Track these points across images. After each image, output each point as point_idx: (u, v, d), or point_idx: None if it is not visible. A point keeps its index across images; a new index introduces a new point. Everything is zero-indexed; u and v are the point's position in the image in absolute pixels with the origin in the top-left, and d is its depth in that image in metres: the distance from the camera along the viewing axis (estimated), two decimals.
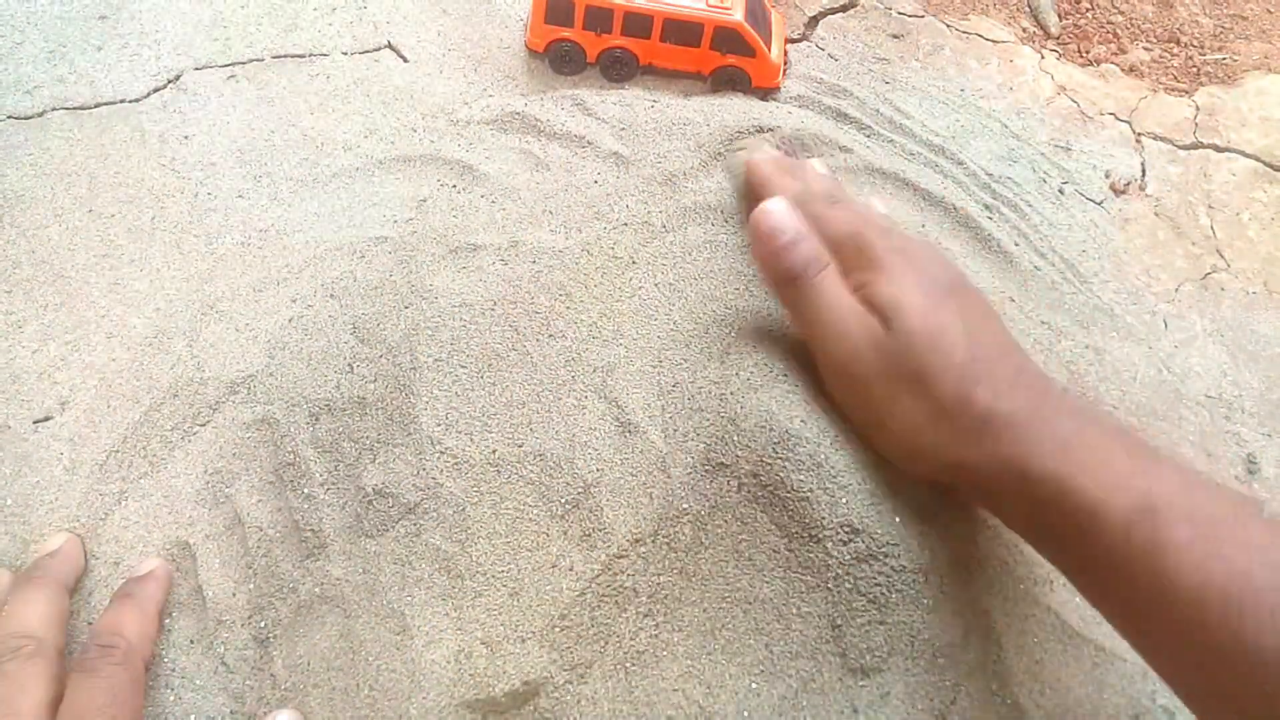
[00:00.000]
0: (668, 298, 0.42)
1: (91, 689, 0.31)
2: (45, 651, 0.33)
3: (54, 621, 0.34)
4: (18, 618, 0.34)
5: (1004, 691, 0.37)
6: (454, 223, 0.47)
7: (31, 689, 0.31)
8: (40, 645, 0.33)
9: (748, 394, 0.39)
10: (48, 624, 0.34)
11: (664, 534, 0.37)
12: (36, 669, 0.32)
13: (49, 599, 0.35)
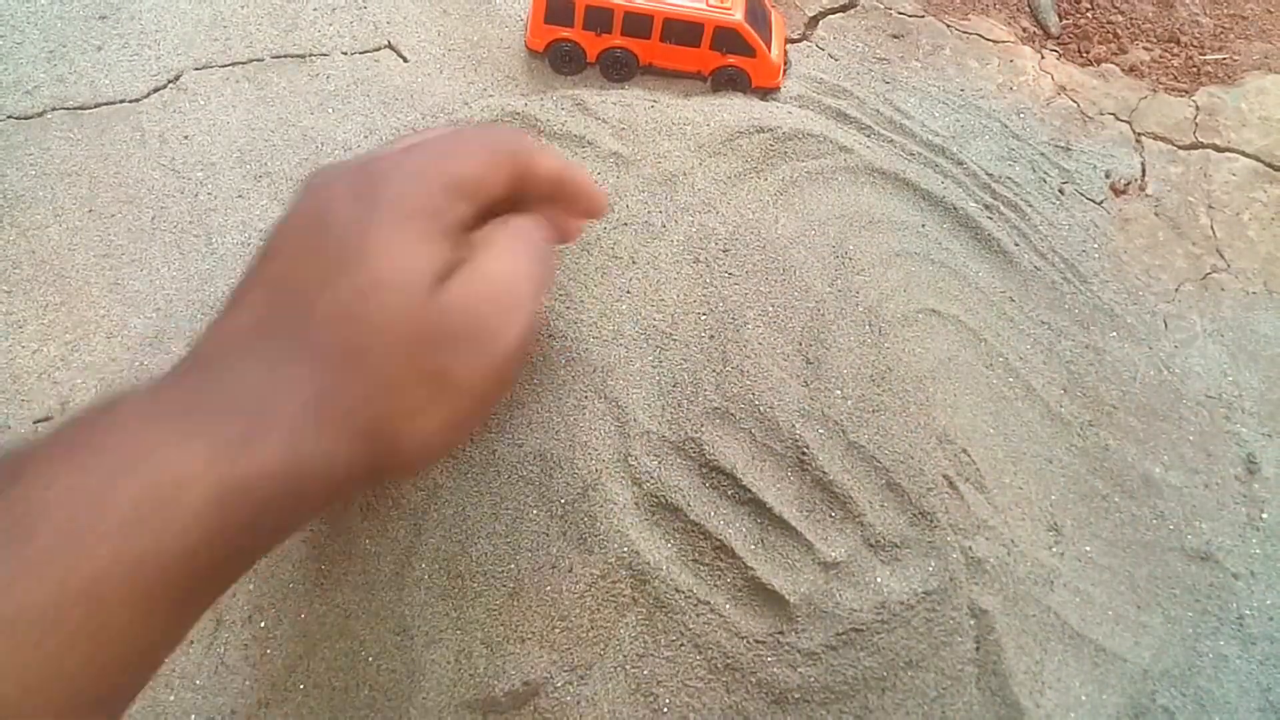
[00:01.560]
0: (668, 298, 0.42)
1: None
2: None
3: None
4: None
5: (1004, 691, 0.37)
6: None
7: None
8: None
9: (747, 395, 0.39)
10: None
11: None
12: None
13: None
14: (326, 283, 0.25)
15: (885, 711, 0.36)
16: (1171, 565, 0.43)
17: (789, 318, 0.42)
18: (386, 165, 0.28)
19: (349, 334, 0.25)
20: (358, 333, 0.25)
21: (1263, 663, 0.41)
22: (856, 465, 0.38)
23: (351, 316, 0.25)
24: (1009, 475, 0.43)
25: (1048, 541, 0.42)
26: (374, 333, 0.25)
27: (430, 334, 0.26)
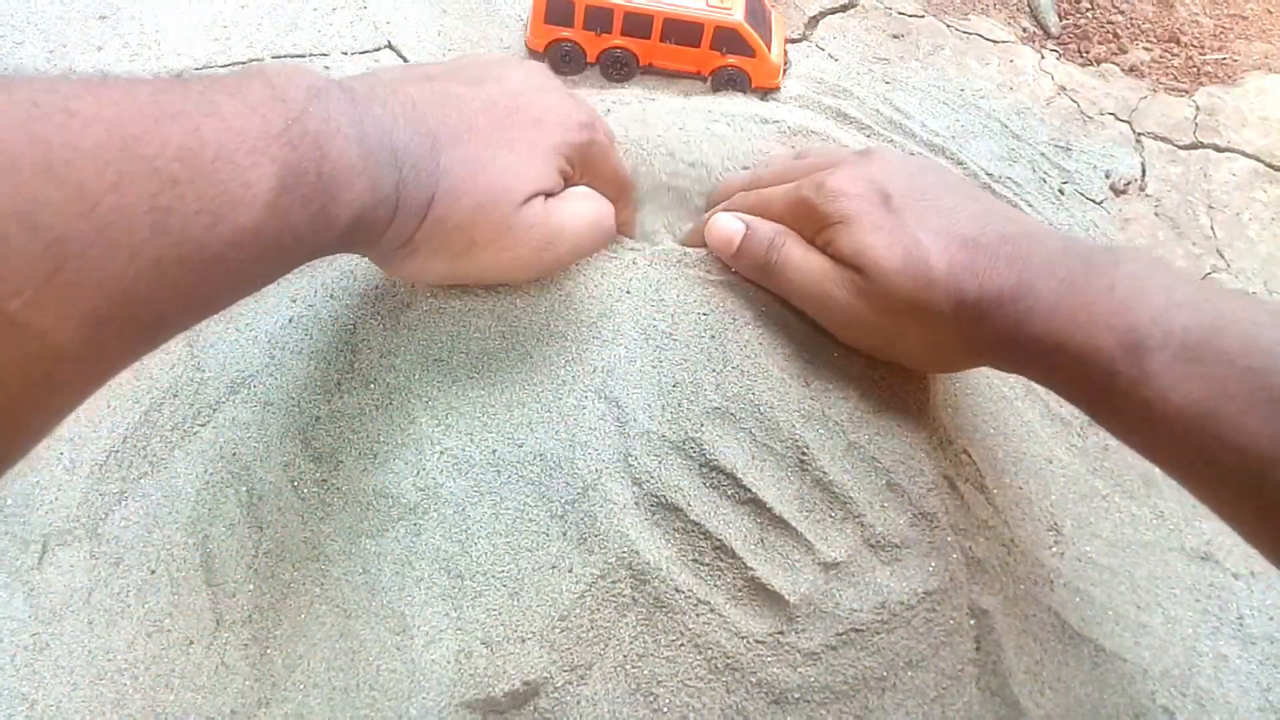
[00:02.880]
0: (668, 298, 0.42)
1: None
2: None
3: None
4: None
5: (1004, 691, 0.37)
6: None
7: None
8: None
9: (747, 395, 0.39)
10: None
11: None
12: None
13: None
14: (486, 135, 0.35)
15: (885, 711, 0.36)
16: (1171, 565, 0.43)
17: (789, 318, 0.42)
18: (577, 102, 0.40)
19: (463, 183, 0.34)
20: (466, 189, 0.34)
21: (1263, 663, 0.41)
22: (856, 465, 0.38)
23: (475, 174, 0.34)
24: (1009, 475, 0.43)
25: (1048, 541, 0.42)
26: (472, 194, 0.34)
27: (493, 224, 0.35)
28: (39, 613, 0.38)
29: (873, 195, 0.37)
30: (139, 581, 0.38)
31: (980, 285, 0.34)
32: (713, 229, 0.42)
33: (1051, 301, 0.33)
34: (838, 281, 0.37)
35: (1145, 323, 0.30)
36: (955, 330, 0.35)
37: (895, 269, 0.35)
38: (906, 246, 0.36)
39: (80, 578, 0.38)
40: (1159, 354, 0.30)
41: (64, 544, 0.39)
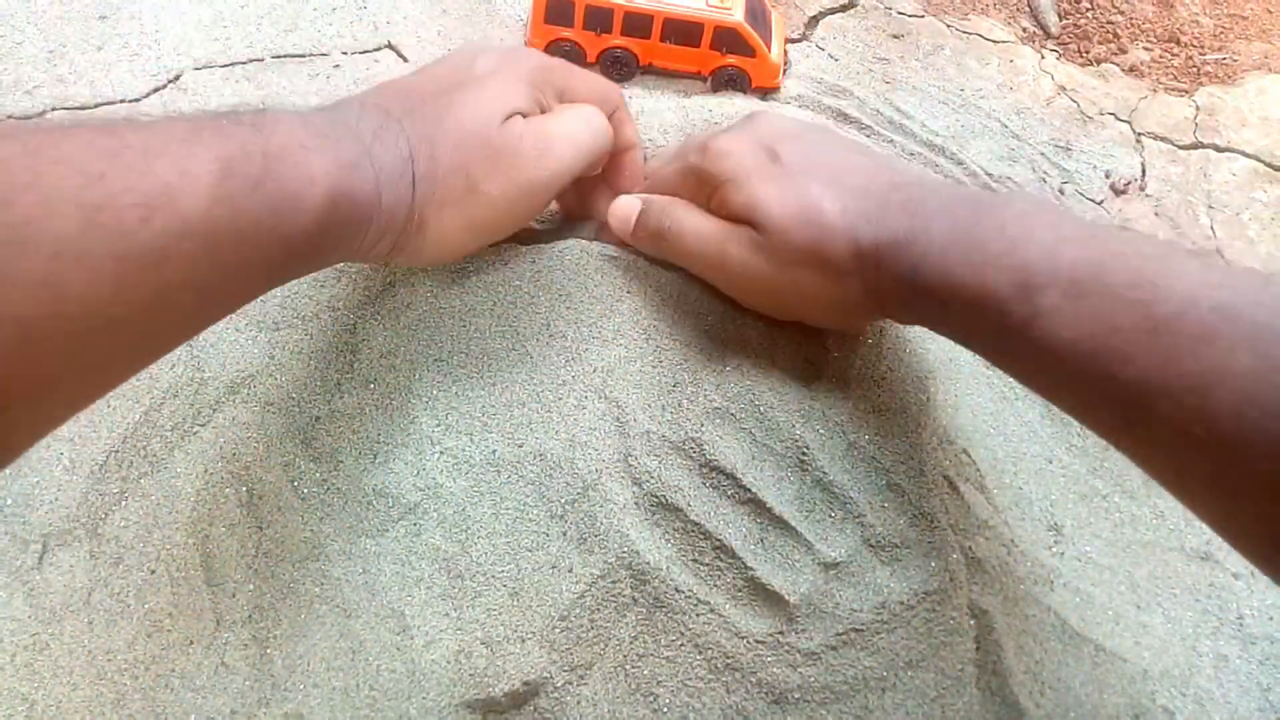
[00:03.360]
0: (668, 298, 0.42)
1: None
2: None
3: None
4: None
5: (1004, 691, 0.37)
6: None
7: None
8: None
9: (747, 395, 0.39)
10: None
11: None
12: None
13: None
14: (440, 94, 0.35)
15: (885, 711, 0.36)
16: (1171, 565, 0.43)
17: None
18: (525, 50, 0.40)
19: (437, 128, 0.34)
20: (442, 131, 0.34)
21: (1263, 663, 0.41)
22: (856, 465, 0.38)
23: (443, 118, 0.34)
24: (1009, 475, 0.43)
25: (1048, 541, 0.42)
26: (450, 134, 0.34)
27: (481, 148, 0.35)
28: (39, 613, 0.38)
29: (759, 151, 0.37)
30: (139, 581, 0.38)
31: (875, 232, 0.34)
32: (613, 212, 0.41)
33: (944, 244, 0.32)
34: (732, 239, 0.37)
35: (1034, 260, 0.30)
36: (853, 279, 0.35)
37: (790, 217, 0.35)
38: (800, 195, 0.35)
39: (80, 578, 0.38)
40: (1048, 291, 0.29)
41: (64, 544, 0.39)
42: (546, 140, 0.36)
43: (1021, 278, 0.30)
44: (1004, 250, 0.31)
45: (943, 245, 0.32)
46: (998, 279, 0.30)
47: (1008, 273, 0.30)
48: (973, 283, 0.31)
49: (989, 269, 0.31)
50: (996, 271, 0.30)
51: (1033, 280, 0.30)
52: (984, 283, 0.31)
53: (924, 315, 0.35)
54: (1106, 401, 0.29)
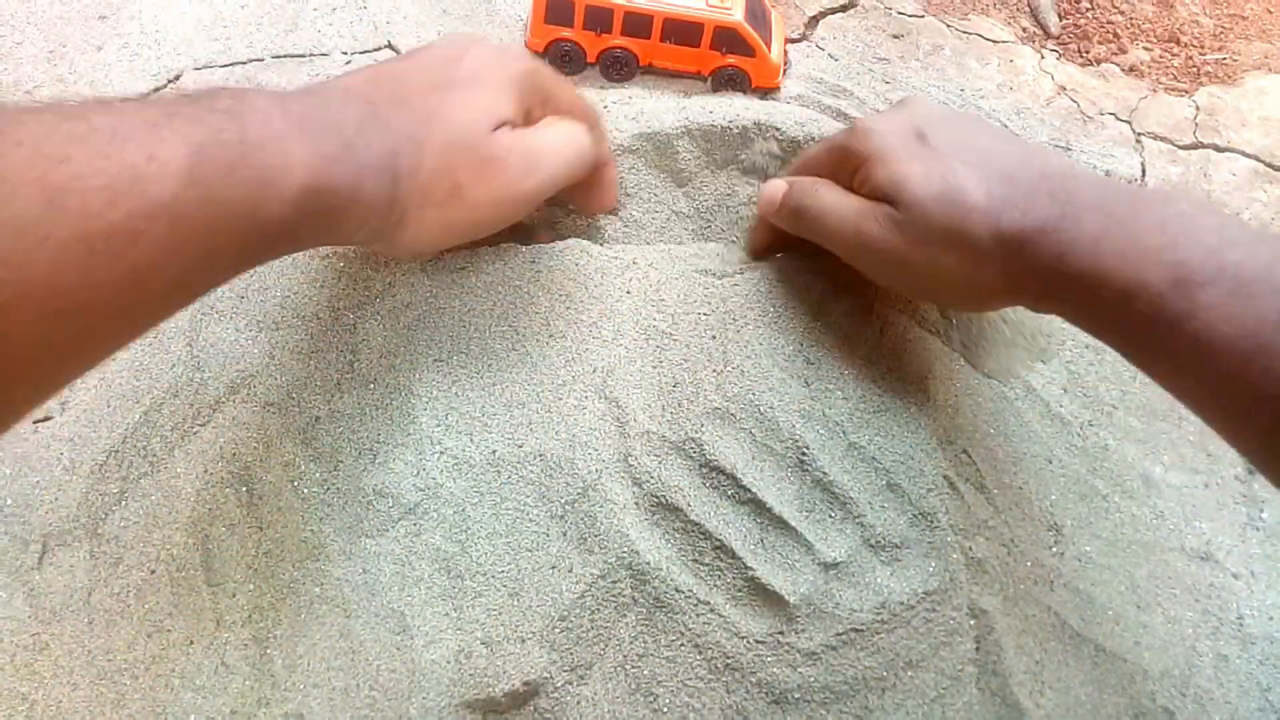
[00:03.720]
0: (668, 298, 0.42)
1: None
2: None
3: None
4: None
5: (1004, 691, 0.37)
6: None
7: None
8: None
9: (747, 395, 0.39)
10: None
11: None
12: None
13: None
14: (429, 91, 0.35)
15: (885, 711, 0.36)
16: (1171, 565, 0.43)
17: (789, 318, 0.42)
18: (514, 49, 0.41)
19: (423, 129, 0.34)
20: (428, 131, 0.34)
21: (1263, 663, 0.41)
22: (856, 465, 0.38)
23: (431, 119, 0.34)
24: (1009, 475, 0.43)
25: (1048, 541, 0.42)
26: (436, 136, 0.34)
27: (468, 156, 0.35)
28: (39, 613, 0.38)
29: (907, 132, 0.37)
30: (139, 581, 0.38)
31: (1021, 217, 0.34)
32: (762, 194, 0.43)
33: (1096, 234, 0.32)
34: (871, 216, 0.37)
35: (1197, 258, 0.30)
36: (993, 263, 0.35)
37: (931, 197, 0.35)
38: (944, 175, 0.35)
39: (80, 578, 0.38)
40: (1210, 288, 0.29)
41: (64, 544, 0.39)
42: (533, 155, 0.36)
43: (1182, 273, 0.30)
44: (1164, 246, 0.31)
45: (1095, 235, 0.32)
46: (1155, 273, 0.30)
47: (1167, 268, 0.30)
48: (1127, 275, 0.31)
49: (1146, 263, 0.31)
50: (1154, 266, 0.30)
51: (1193, 276, 0.30)
52: (1140, 275, 0.31)
53: (1064, 304, 0.34)
54: (1259, 402, 0.29)
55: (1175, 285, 0.30)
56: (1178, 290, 0.30)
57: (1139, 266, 0.31)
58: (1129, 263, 0.31)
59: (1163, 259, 0.30)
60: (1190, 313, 0.29)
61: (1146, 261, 0.31)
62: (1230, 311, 0.29)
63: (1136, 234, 0.31)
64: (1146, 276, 0.31)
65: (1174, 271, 0.30)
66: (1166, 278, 0.30)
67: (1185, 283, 0.30)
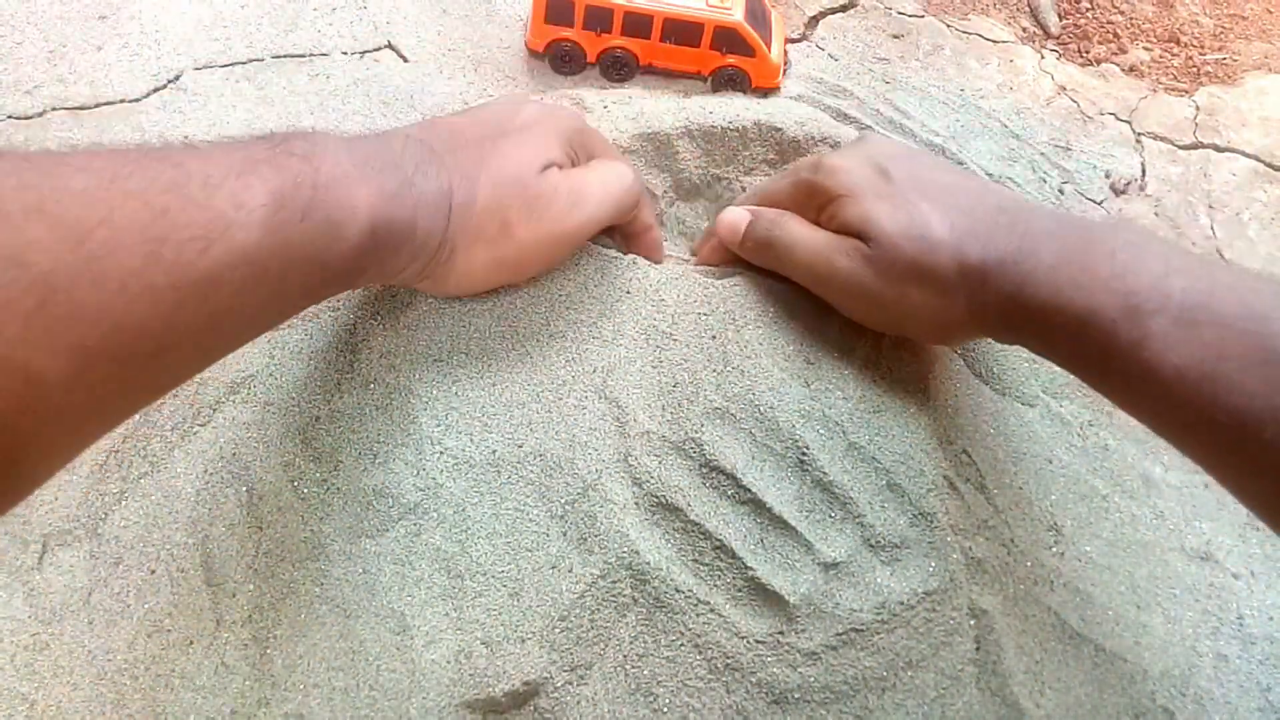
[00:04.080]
0: (668, 298, 0.42)
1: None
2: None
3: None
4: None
5: (1004, 691, 0.37)
6: None
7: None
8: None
9: (747, 395, 0.39)
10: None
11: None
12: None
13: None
14: (483, 139, 0.37)
15: (885, 711, 0.36)
16: (1171, 565, 0.43)
17: (789, 318, 0.42)
18: (565, 109, 0.44)
19: (477, 168, 0.36)
20: (482, 170, 0.36)
21: (1263, 663, 0.41)
22: (856, 465, 0.38)
23: (485, 160, 0.36)
24: (1009, 475, 0.43)
25: (1048, 541, 0.42)
26: (489, 175, 0.36)
27: (518, 193, 0.36)
28: (39, 613, 0.38)
29: (871, 170, 0.38)
30: (139, 581, 0.38)
31: (983, 249, 0.35)
32: (721, 222, 0.43)
33: (1052, 264, 0.33)
34: (841, 251, 0.38)
35: (1145, 287, 0.31)
36: (958, 295, 0.36)
37: (899, 232, 0.36)
38: (910, 213, 0.36)
39: (80, 578, 0.38)
40: (1158, 317, 0.30)
41: (64, 544, 0.39)
42: (580, 192, 0.38)
43: (1132, 302, 0.31)
44: (1113, 274, 0.32)
45: (1051, 266, 0.33)
46: (1107, 301, 0.31)
47: (1117, 296, 0.31)
48: (1081, 304, 0.32)
49: (1098, 291, 0.32)
50: (1106, 294, 0.32)
51: (1143, 305, 0.31)
52: (1092, 305, 0.32)
53: (1026, 334, 0.36)
54: (1210, 427, 0.30)
55: (1126, 314, 0.31)
56: (1129, 319, 0.31)
57: (1091, 294, 0.32)
58: (1082, 291, 0.32)
59: (1113, 287, 0.32)
60: (1141, 341, 0.31)
61: (1098, 290, 0.32)
62: (1176, 339, 0.30)
63: (1089, 263, 0.32)
64: (1099, 305, 0.32)
65: (1125, 300, 0.31)
66: (1118, 306, 0.31)
67: (1136, 311, 0.31)
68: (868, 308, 0.39)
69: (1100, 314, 0.31)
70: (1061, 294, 0.33)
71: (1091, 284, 0.32)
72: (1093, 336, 0.32)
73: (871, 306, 0.39)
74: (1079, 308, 0.32)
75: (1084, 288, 0.32)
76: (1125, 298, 0.31)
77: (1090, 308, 0.32)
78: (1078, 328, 0.32)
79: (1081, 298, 0.32)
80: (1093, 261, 0.32)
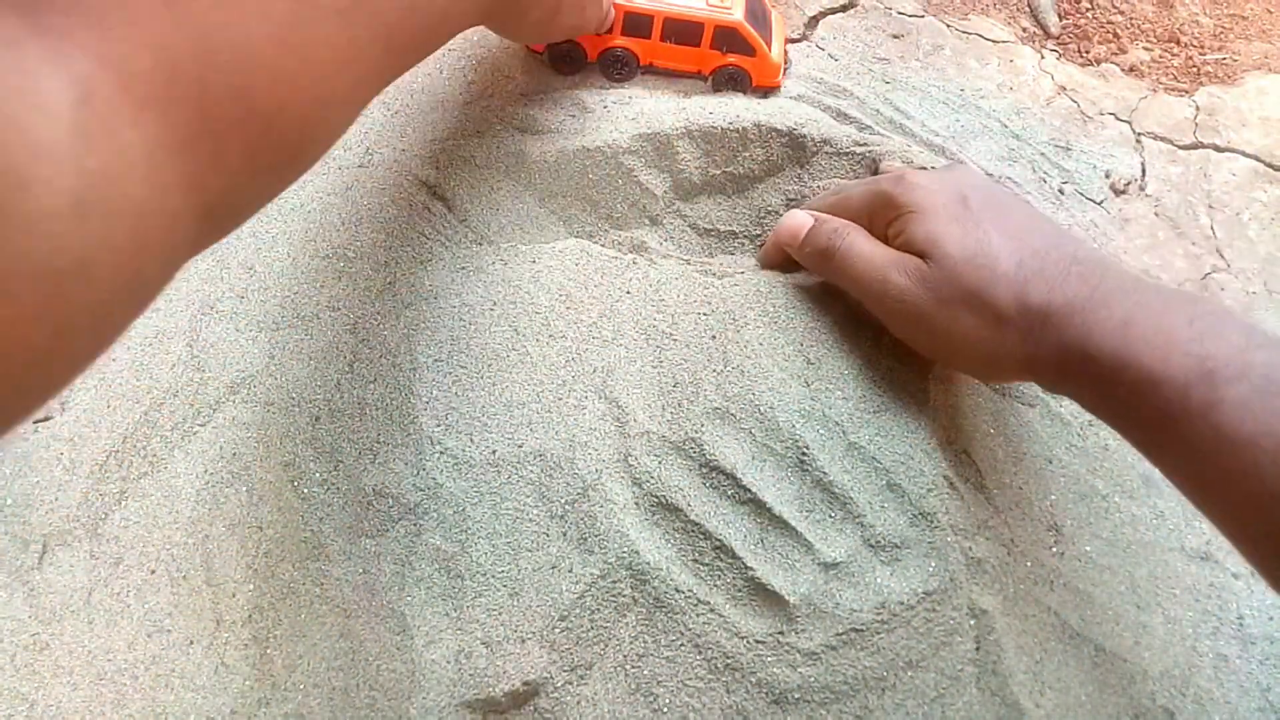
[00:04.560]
0: (668, 298, 0.42)
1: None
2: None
3: None
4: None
5: (1004, 691, 0.37)
6: (454, 223, 0.47)
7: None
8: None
9: (747, 395, 0.39)
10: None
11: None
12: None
13: None
14: None
15: (885, 711, 0.36)
16: (1171, 565, 0.43)
17: (789, 318, 0.42)
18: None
19: None
20: None
21: (1262, 663, 0.41)
22: (856, 465, 0.38)
23: None
24: (1009, 475, 0.43)
25: (1048, 541, 0.42)
26: None
27: None
28: (39, 613, 0.38)
29: (951, 194, 0.38)
30: (139, 581, 0.38)
31: (1049, 292, 0.35)
32: (783, 224, 0.43)
33: (1124, 320, 0.33)
34: (899, 267, 0.38)
35: (1224, 354, 0.31)
36: (1013, 332, 0.35)
37: (964, 257, 0.36)
38: (979, 240, 0.36)
39: (80, 578, 0.38)
40: (1237, 384, 0.30)
41: (64, 544, 0.39)
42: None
43: (1209, 366, 0.31)
44: (1191, 339, 0.31)
45: (1123, 321, 0.33)
46: (1182, 363, 0.31)
47: (1193, 359, 0.31)
48: (1152, 362, 0.32)
49: (1174, 353, 0.31)
50: (1182, 356, 0.31)
51: (1221, 371, 0.30)
52: (1166, 364, 0.31)
53: (1080, 385, 0.35)
54: (1273, 499, 0.29)
55: (1202, 377, 0.31)
56: (1204, 382, 0.30)
57: (1165, 354, 0.31)
58: (1156, 350, 0.32)
59: (1190, 350, 0.31)
60: (1214, 405, 0.30)
61: (1174, 352, 0.31)
62: (1255, 408, 0.29)
63: (1165, 325, 0.32)
64: (1172, 366, 0.31)
65: (1201, 364, 0.31)
66: (1194, 369, 0.31)
67: (1212, 376, 0.30)
68: (917, 330, 0.39)
69: (1173, 374, 0.31)
70: (1130, 349, 0.32)
71: (1167, 345, 0.32)
72: (1161, 395, 0.31)
73: (921, 329, 0.38)
74: (1149, 365, 0.32)
75: (1158, 347, 0.32)
76: (1202, 361, 0.31)
77: (1163, 367, 0.31)
78: (1145, 385, 0.32)
79: (1153, 356, 0.32)
80: (1169, 324, 0.32)
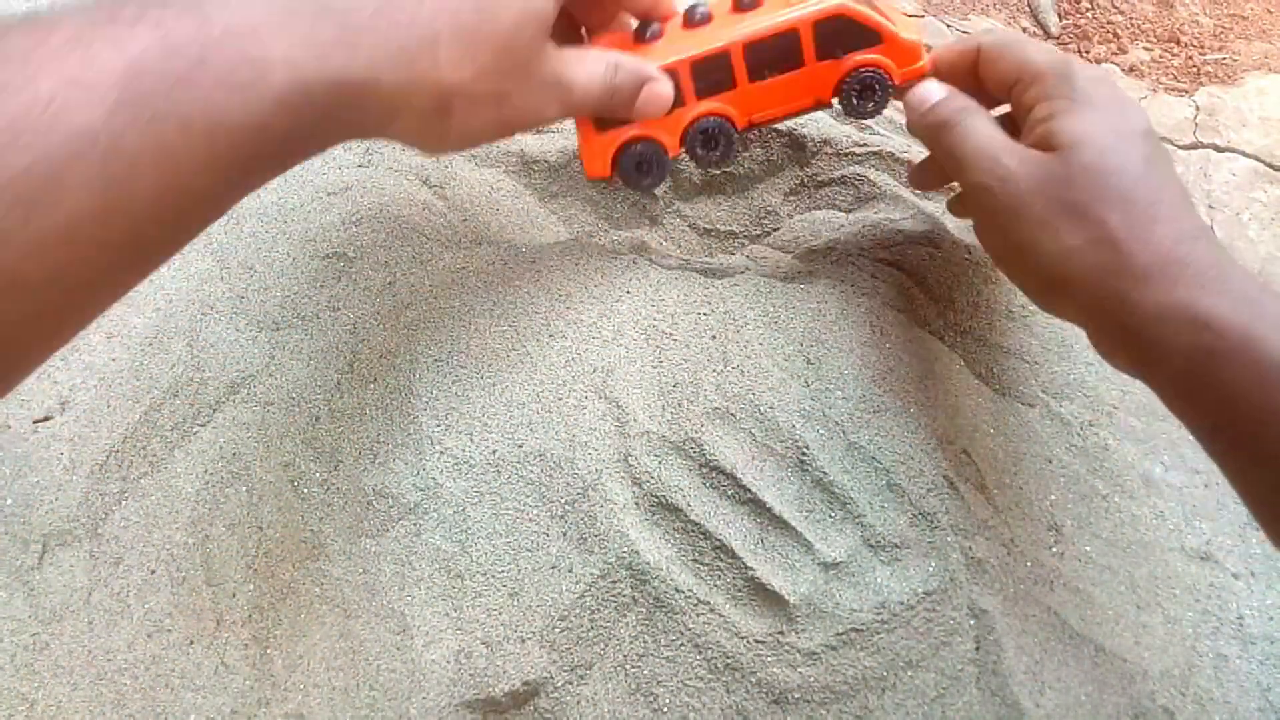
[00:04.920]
0: (668, 298, 0.42)
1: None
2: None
3: None
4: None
5: (1004, 691, 0.37)
6: (455, 223, 0.47)
7: None
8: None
9: (747, 395, 0.39)
10: None
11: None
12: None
13: None
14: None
15: (885, 711, 0.36)
16: (1171, 565, 0.43)
17: (789, 318, 0.42)
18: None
19: (474, 18, 0.29)
20: (480, 21, 0.29)
21: (1263, 663, 0.41)
22: (856, 465, 0.38)
23: (480, 8, 0.29)
24: (1009, 475, 0.43)
25: (1048, 541, 0.42)
26: (488, 32, 0.30)
27: (519, 62, 0.31)
28: (39, 613, 0.38)
29: (1116, 110, 0.35)
30: (139, 581, 0.38)
31: (1175, 240, 0.32)
32: (914, 90, 0.39)
33: (1246, 300, 0.31)
34: (1017, 154, 0.34)
35: None
36: (1114, 259, 0.32)
37: (1098, 163, 0.33)
38: (1126, 158, 0.33)
39: (80, 578, 0.38)
40: None
41: (64, 544, 0.39)
42: (574, 64, 0.34)
43: None
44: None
45: (1249, 298, 0.31)
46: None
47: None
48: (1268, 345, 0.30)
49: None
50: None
51: None
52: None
53: (1167, 351, 0.32)
54: None
55: None
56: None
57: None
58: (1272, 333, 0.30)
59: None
60: None
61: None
62: None
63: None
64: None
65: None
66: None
67: None
68: (1005, 225, 0.35)
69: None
70: (1256, 328, 0.30)
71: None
72: (1262, 383, 0.29)
73: (1007, 230, 0.35)
74: (1275, 349, 0.29)
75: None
76: None
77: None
78: (1265, 369, 0.29)
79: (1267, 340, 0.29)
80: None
